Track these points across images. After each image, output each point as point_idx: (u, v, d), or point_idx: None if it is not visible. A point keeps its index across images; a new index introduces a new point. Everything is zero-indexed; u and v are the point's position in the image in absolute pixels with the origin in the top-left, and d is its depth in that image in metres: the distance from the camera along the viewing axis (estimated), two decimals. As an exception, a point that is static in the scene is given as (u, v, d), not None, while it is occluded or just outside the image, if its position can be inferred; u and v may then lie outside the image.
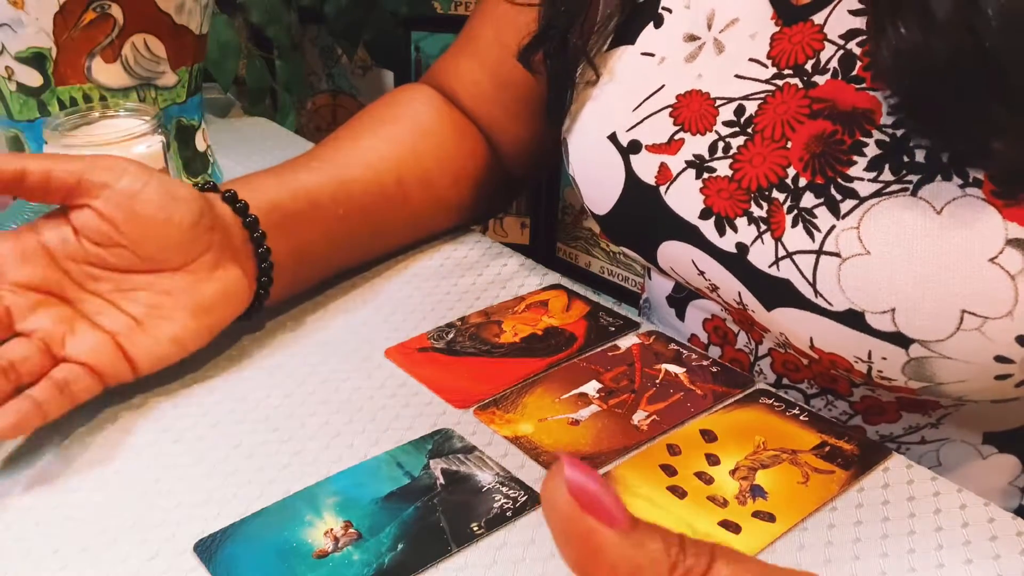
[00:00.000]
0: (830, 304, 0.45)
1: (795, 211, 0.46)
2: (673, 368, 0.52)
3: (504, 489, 0.43)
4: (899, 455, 0.45)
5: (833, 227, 0.45)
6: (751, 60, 0.50)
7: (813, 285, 0.46)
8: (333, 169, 0.59)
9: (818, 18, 0.48)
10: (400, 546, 0.40)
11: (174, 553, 0.40)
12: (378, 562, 0.39)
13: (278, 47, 1.34)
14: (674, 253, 0.53)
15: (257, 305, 0.53)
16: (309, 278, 0.58)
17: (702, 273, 0.52)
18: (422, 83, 0.71)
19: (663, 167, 0.52)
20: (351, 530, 0.41)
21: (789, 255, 0.47)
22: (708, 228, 0.50)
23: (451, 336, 0.55)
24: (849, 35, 0.47)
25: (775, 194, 0.47)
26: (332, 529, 0.41)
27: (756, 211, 0.48)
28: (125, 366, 0.47)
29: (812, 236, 0.46)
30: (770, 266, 0.48)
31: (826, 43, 0.47)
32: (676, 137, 0.52)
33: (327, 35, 1.51)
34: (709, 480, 0.43)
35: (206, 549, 0.40)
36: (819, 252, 0.45)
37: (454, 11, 1.57)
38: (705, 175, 0.51)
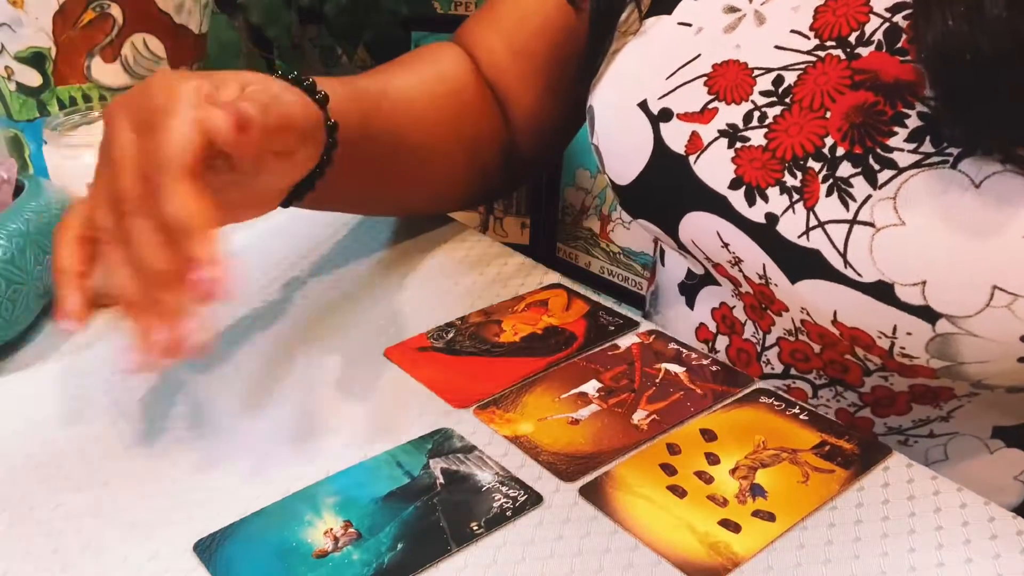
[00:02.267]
0: (859, 275, 0.45)
1: (831, 180, 0.46)
2: (673, 367, 0.52)
3: (504, 489, 0.43)
4: (899, 454, 0.45)
5: (869, 197, 0.45)
6: (793, 32, 0.50)
7: (844, 255, 0.46)
8: (375, 86, 0.59)
9: None
10: (400, 546, 0.40)
11: (174, 553, 0.40)
12: (378, 562, 0.39)
13: (278, 47, 1.34)
14: (698, 225, 0.53)
15: (296, 194, 0.52)
16: (332, 197, 0.57)
17: (726, 246, 0.52)
18: (451, 42, 0.71)
19: (694, 136, 0.52)
20: (351, 530, 0.41)
21: (821, 224, 0.46)
22: (737, 198, 0.50)
23: (451, 336, 0.55)
24: (896, 8, 0.46)
25: (811, 163, 0.47)
26: (332, 529, 0.41)
27: (789, 180, 0.48)
28: None
29: (847, 205, 0.45)
30: (800, 236, 0.47)
31: (872, 15, 0.47)
32: (710, 106, 0.52)
33: (327, 35, 1.51)
34: (709, 479, 0.43)
35: (206, 549, 0.40)
36: (852, 222, 0.45)
37: (454, 11, 1.56)
38: (738, 144, 0.50)
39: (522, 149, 0.71)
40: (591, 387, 0.50)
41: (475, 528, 0.41)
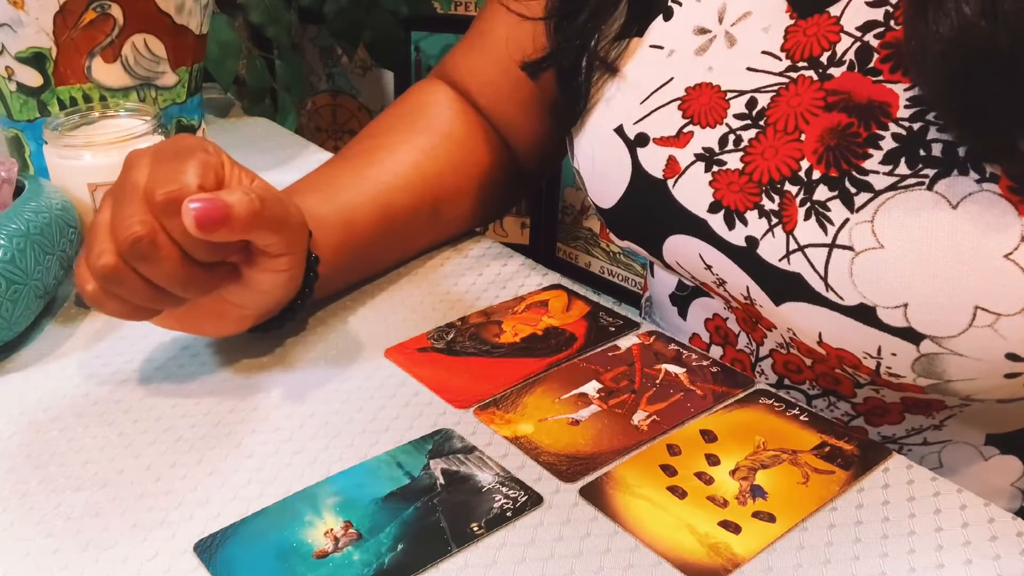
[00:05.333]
0: (841, 298, 0.45)
1: (808, 204, 0.46)
2: (673, 368, 0.52)
3: (504, 489, 0.43)
4: (899, 455, 0.45)
5: (847, 220, 0.45)
6: (764, 53, 0.50)
7: (824, 279, 0.46)
8: (376, 189, 0.60)
9: (834, 10, 0.48)
10: (400, 546, 0.40)
11: (174, 553, 0.40)
12: (378, 562, 0.39)
13: (278, 47, 1.34)
14: (681, 247, 0.53)
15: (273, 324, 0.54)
16: (327, 291, 0.59)
17: (709, 267, 0.52)
18: (437, 79, 0.71)
19: (671, 160, 0.52)
20: (351, 530, 0.41)
21: (801, 248, 0.46)
22: (717, 222, 0.50)
23: (451, 336, 0.55)
24: (867, 27, 0.46)
25: (787, 187, 0.47)
26: (332, 529, 0.41)
27: (767, 204, 0.48)
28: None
29: (825, 229, 0.45)
30: (780, 260, 0.47)
31: (843, 35, 0.47)
32: (685, 130, 0.52)
33: (327, 35, 1.51)
34: (709, 480, 0.43)
35: (206, 549, 0.40)
36: (832, 245, 0.45)
37: (454, 11, 1.57)
38: (715, 168, 0.50)
39: (526, 168, 0.71)
40: (591, 388, 0.50)
41: (475, 529, 0.41)
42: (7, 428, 0.48)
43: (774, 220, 0.48)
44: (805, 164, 0.47)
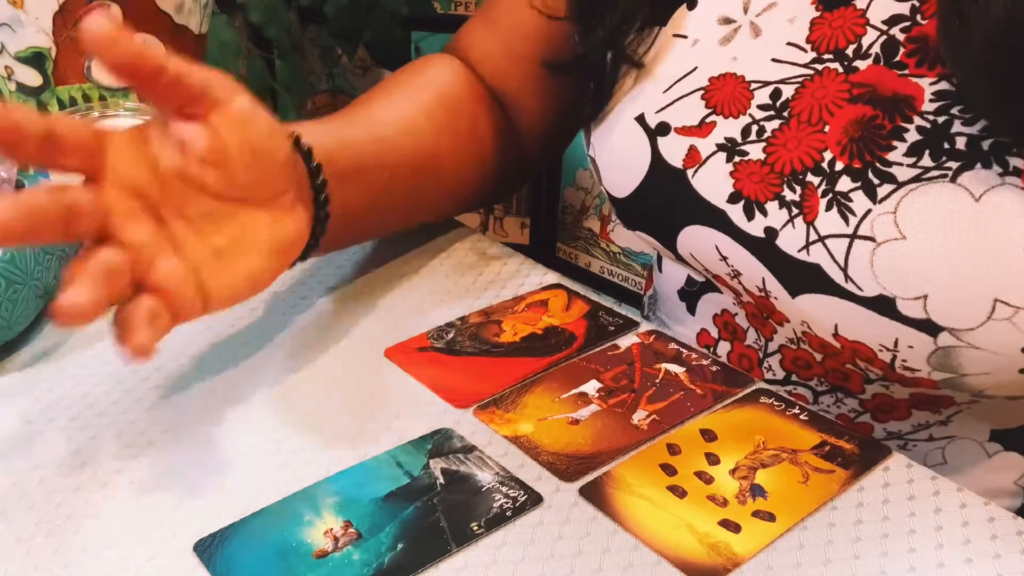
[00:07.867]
0: (860, 289, 0.45)
1: (830, 195, 0.46)
2: (673, 367, 0.52)
3: (504, 489, 0.43)
4: (899, 454, 0.45)
5: (869, 211, 0.45)
6: (789, 44, 0.50)
7: (844, 270, 0.46)
8: (376, 129, 0.58)
9: (860, 3, 0.48)
10: (400, 546, 0.40)
11: (174, 553, 0.40)
12: (378, 562, 0.39)
13: (278, 47, 1.34)
14: (696, 238, 0.53)
15: (303, 255, 0.50)
16: (344, 239, 0.57)
17: (724, 259, 0.52)
18: (446, 52, 0.70)
19: (692, 150, 0.52)
20: (351, 530, 0.41)
21: (821, 239, 0.46)
22: (736, 212, 0.50)
23: (451, 336, 0.55)
24: (893, 20, 0.47)
25: (810, 178, 0.47)
26: (332, 529, 0.41)
27: (789, 195, 0.48)
28: (199, 302, 0.42)
29: (847, 220, 0.45)
30: (799, 251, 0.47)
31: (868, 28, 0.47)
32: (708, 120, 0.52)
33: (327, 35, 1.51)
34: (709, 480, 0.43)
35: (206, 549, 0.40)
36: (853, 236, 0.45)
37: (454, 11, 1.56)
38: (736, 158, 0.50)
39: (528, 149, 0.70)
40: (591, 387, 0.50)
41: (475, 528, 0.41)
42: (7, 428, 0.48)
43: (795, 211, 0.48)
44: (828, 155, 0.47)
